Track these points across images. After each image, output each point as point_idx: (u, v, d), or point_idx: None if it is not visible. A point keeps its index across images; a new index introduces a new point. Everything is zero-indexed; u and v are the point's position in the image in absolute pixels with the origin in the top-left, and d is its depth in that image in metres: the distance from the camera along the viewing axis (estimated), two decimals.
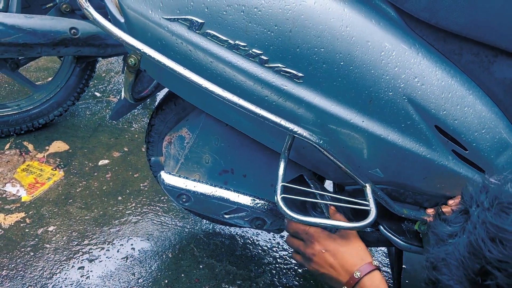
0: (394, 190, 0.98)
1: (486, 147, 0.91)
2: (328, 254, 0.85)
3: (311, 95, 0.84)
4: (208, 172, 1.06)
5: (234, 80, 0.85)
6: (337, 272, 0.84)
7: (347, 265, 0.83)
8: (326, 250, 0.85)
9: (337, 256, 0.84)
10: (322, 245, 0.86)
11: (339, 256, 0.84)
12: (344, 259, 0.83)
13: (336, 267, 0.84)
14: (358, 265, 0.82)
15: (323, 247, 0.86)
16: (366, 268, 0.82)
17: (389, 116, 0.86)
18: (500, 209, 0.53)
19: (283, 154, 0.88)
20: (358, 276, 0.81)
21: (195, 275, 1.40)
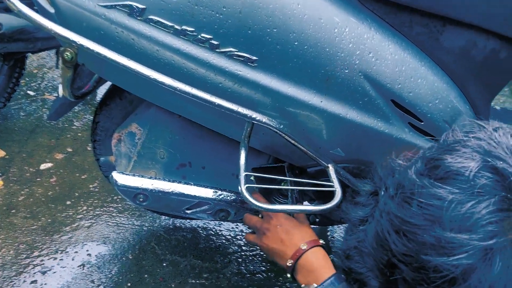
0: (355, 168, 0.98)
1: (440, 117, 0.93)
2: (281, 229, 0.88)
3: (267, 79, 0.81)
4: (164, 167, 1.01)
5: (184, 68, 0.80)
6: (285, 246, 0.86)
7: (295, 240, 0.85)
8: (281, 226, 0.88)
9: (289, 232, 0.87)
10: (278, 221, 0.89)
11: (290, 232, 0.87)
12: (295, 235, 0.87)
13: (286, 242, 0.86)
14: (306, 239, 0.86)
15: (279, 222, 0.89)
16: (312, 243, 0.85)
17: (347, 94, 0.84)
18: (403, 199, 0.50)
19: (243, 142, 0.84)
20: (304, 248, 0.84)
21: (159, 274, 1.35)
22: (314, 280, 0.79)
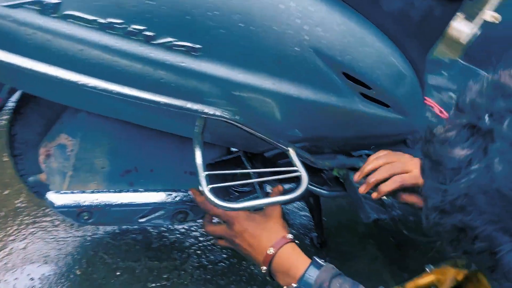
0: (313, 145, 0.95)
1: (388, 82, 0.92)
2: (247, 234, 0.81)
3: (214, 67, 0.73)
4: (107, 177, 0.90)
5: (117, 67, 0.69)
6: (256, 252, 0.80)
7: (263, 243, 0.79)
8: (246, 231, 0.81)
9: (255, 236, 0.80)
10: (241, 225, 0.81)
11: (256, 235, 0.80)
12: (261, 238, 0.79)
13: (254, 246, 0.80)
14: (272, 242, 0.78)
15: (243, 227, 0.81)
16: (278, 243, 0.78)
17: (299, 73, 0.79)
18: None
19: (197, 139, 0.77)
20: (271, 252, 0.77)
21: (115, 285, 1.25)
22: (291, 280, 0.75)
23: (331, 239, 1.46)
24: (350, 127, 0.94)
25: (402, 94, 0.96)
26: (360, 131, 0.97)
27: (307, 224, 1.52)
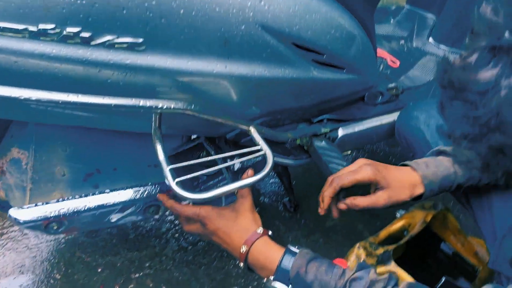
0: (272, 119, 0.95)
1: (339, 45, 0.91)
2: (221, 232, 0.77)
3: (161, 60, 0.70)
4: (69, 184, 0.87)
5: (59, 74, 0.65)
6: (232, 249, 0.77)
7: (236, 242, 0.76)
8: (218, 229, 0.77)
9: (227, 233, 0.77)
10: (214, 224, 0.78)
11: (229, 232, 0.77)
12: (234, 236, 0.76)
13: (229, 244, 0.77)
14: (244, 239, 0.75)
15: (215, 226, 0.78)
16: (250, 239, 0.75)
17: (249, 51, 0.77)
18: None
19: (155, 135, 0.75)
20: (244, 250, 0.74)
21: (97, 282, 1.24)
22: (269, 272, 0.72)
23: (303, 201, 1.50)
24: (308, 96, 0.94)
25: (355, 54, 0.96)
26: (318, 97, 0.97)
27: (278, 190, 1.55)
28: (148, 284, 1.22)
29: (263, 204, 1.49)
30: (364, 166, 0.79)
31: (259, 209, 1.46)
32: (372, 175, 0.78)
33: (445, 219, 1.20)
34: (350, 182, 0.80)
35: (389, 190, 0.78)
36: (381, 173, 0.78)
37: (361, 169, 0.79)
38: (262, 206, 1.48)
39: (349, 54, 0.95)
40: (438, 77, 0.54)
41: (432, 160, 0.78)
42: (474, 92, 0.46)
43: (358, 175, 0.79)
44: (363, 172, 0.79)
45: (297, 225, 1.41)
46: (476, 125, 0.47)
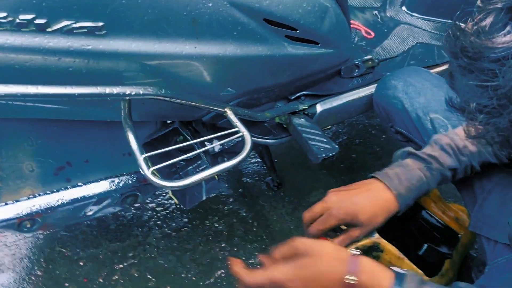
0: (249, 99, 0.92)
1: (311, 19, 0.88)
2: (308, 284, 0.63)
3: (125, 43, 0.66)
4: (39, 179, 0.83)
5: (15, 65, 0.61)
6: None
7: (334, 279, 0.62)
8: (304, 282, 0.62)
9: (317, 279, 0.62)
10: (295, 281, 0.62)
11: (319, 277, 0.62)
12: (326, 276, 0.62)
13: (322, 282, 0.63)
14: (345, 270, 0.62)
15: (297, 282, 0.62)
16: (353, 265, 0.62)
17: (219, 30, 0.74)
18: None
19: (126, 123, 0.71)
20: (354, 280, 0.61)
21: (80, 275, 1.21)
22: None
23: (285, 179, 1.49)
24: (284, 73, 0.92)
25: (328, 28, 0.94)
26: (294, 74, 0.94)
27: (260, 170, 1.53)
28: (133, 273, 1.20)
29: (246, 184, 1.47)
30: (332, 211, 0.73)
31: (242, 190, 1.45)
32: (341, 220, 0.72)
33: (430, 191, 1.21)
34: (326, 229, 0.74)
35: (362, 227, 0.73)
36: (349, 214, 0.71)
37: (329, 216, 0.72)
38: (245, 186, 1.47)
39: (323, 27, 0.92)
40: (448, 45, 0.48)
41: (404, 171, 0.73)
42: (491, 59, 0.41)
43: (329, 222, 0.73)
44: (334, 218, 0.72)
45: (281, 203, 1.40)
46: (495, 97, 0.43)
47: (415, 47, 1.25)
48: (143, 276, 1.20)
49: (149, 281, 1.18)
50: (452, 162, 0.74)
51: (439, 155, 0.74)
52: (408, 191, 0.73)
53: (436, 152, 0.75)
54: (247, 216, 1.36)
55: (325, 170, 1.53)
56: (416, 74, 1.00)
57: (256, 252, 1.24)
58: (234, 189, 1.46)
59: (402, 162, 0.76)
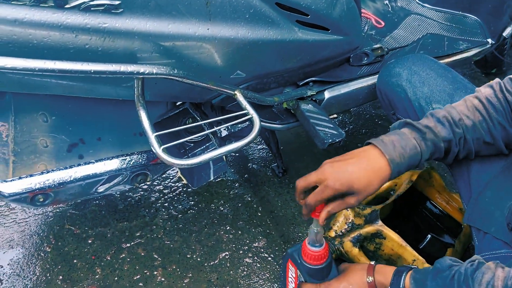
0: (258, 83, 0.93)
1: (323, 5, 0.89)
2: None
3: (140, 23, 0.67)
4: (53, 155, 0.85)
5: (33, 40, 0.63)
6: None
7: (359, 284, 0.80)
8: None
9: None
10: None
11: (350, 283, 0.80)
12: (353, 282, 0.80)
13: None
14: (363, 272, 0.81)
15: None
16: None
17: (231, 12, 0.75)
18: None
19: (138, 101, 0.73)
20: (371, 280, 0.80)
21: (89, 253, 1.24)
22: None
23: (291, 166, 1.50)
24: (293, 58, 0.93)
25: (339, 15, 0.95)
26: (303, 60, 0.96)
27: (266, 156, 1.55)
28: (139, 253, 1.23)
29: (251, 170, 1.49)
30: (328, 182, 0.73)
31: (247, 176, 1.47)
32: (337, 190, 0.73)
33: (431, 178, 1.22)
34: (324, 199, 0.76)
35: (358, 194, 0.74)
36: (345, 184, 0.73)
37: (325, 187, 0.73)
38: (251, 172, 1.49)
39: (334, 14, 0.93)
40: None
41: (399, 139, 0.75)
42: None
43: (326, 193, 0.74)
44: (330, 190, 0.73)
45: (286, 189, 1.42)
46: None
47: (425, 37, 1.25)
48: (149, 256, 1.22)
49: (155, 260, 1.21)
50: (447, 134, 0.75)
51: (434, 126, 0.75)
52: (401, 157, 0.74)
53: (432, 123, 0.75)
54: (252, 201, 1.38)
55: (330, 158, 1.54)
56: (422, 62, 1.00)
57: (260, 236, 1.26)
58: (240, 174, 1.48)
59: (398, 131, 0.76)
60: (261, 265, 1.19)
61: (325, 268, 0.83)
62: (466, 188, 0.89)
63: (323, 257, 0.82)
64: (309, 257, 0.82)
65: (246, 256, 1.21)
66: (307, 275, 0.85)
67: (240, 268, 1.18)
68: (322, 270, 0.83)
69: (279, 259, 1.20)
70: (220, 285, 1.14)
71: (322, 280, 0.84)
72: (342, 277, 0.83)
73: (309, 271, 0.84)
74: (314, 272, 0.84)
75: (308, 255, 0.82)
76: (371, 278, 0.79)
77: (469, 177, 0.87)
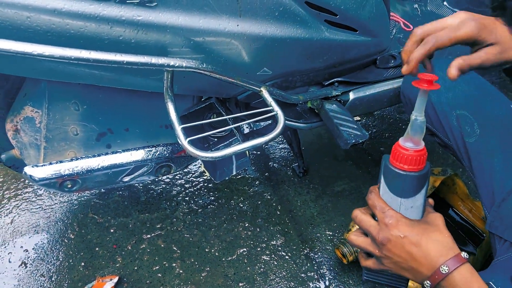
0: (284, 81, 0.94)
1: (352, 6, 0.90)
2: (407, 240, 0.66)
3: (173, 17, 0.69)
4: (82, 143, 0.88)
5: (70, 30, 0.65)
6: (418, 263, 0.66)
7: (432, 257, 0.65)
8: (405, 237, 0.66)
9: (419, 245, 0.65)
10: (401, 230, 0.66)
11: (421, 244, 0.65)
12: (428, 249, 0.65)
13: (418, 257, 0.65)
14: (445, 258, 0.64)
15: (401, 233, 0.66)
16: (454, 262, 0.63)
17: (261, 9, 0.76)
18: None
19: (167, 94, 0.75)
20: (446, 271, 0.63)
21: (110, 242, 1.28)
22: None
23: (311, 166, 1.50)
24: (320, 58, 0.93)
25: (368, 16, 0.95)
26: (330, 60, 0.96)
27: (287, 156, 1.56)
28: (159, 244, 1.25)
29: (272, 169, 1.50)
30: (467, 21, 0.65)
31: (268, 174, 1.48)
32: (476, 31, 0.65)
33: (454, 185, 1.21)
34: (449, 42, 0.67)
35: (499, 45, 0.65)
36: (488, 28, 0.65)
37: (463, 24, 0.65)
38: (271, 170, 1.49)
39: (363, 15, 0.93)
40: None
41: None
42: None
43: (460, 31, 0.65)
44: (467, 28, 0.65)
45: (306, 190, 1.42)
46: None
47: None
48: (168, 247, 1.24)
49: (174, 252, 1.23)
50: None
51: None
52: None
53: None
54: (272, 199, 1.39)
55: (352, 161, 1.54)
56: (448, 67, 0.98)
57: (278, 235, 1.27)
58: (260, 172, 1.49)
59: None
60: (278, 263, 1.19)
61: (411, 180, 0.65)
62: (489, 194, 0.87)
63: (415, 161, 0.63)
64: (397, 156, 0.64)
65: (264, 254, 1.22)
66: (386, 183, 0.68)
67: (257, 265, 1.19)
68: (406, 181, 0.65)
69: (296, 258, 1.20)
70: (236, 281, 1.15)
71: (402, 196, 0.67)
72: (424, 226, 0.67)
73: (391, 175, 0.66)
74: (395, 180, 0.66)
75: (396, 153, 0.64)
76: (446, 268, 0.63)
77: (492, 183, 0.86)
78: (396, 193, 0.66)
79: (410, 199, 0.66)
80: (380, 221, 0.69)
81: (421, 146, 0.63)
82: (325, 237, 1.26)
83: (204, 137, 0.92)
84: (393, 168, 0.64)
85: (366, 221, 0.71)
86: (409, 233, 0.66)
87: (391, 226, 0.67)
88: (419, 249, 0.65)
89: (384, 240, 0.67)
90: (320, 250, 1.22)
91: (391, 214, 0.67)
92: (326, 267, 1.18)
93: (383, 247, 0.68)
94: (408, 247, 0.66)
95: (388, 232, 0.67)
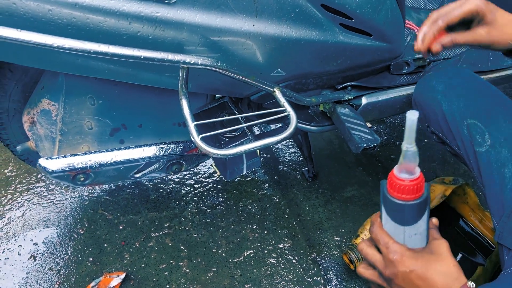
0: (297, 83, 0.95)
1: (367, 9, 0.90)
2: (414, 275, 0.66)
3: (190, 15, 0.70)
4: (96, 138, 0.89)
5: (90, 24, 0.66)
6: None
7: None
8: (412, 272, 0.66)
9: (425, 278, 0.65)
10: (406, 265, 0.66)
11: (427, 277, 0.65)
12: (434, 281, 0.65)
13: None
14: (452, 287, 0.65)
15: (408, 268, 0.66)
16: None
17: (277, 10, 0.77)
18: None
19: (181, 90, 0.76)
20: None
21: (119, 238, 1.28)
22: None
23: (321, 171, 1.50)
24: (334, 61, 0.94)
25: (383, 21, 0.95)
26: (343, 63, 0.96)
27: (297, 160, 1.56)
28: (167, 243, 1.26)
29: (281, 172, 1.50)
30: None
31: (277, 178, 1.48)
32: (479, 5, 0.73)
33: (465, 194, 1.20)
34: (457, 17, 0.75)
35: (491, 26, 0.73)
36: (489, 6, 0.73)
37: (468, 1, 0.74)
38: (281, 174, 1.50)
39: (378, 20, 0.93)
40: None
41: None
42: None
43: (465, 6, 0.74)
44: (471, 3, 0.73)
45: (315, 194, 1.42)
46: None
47: (469, 51, 1.23)
48: (176, 246, 1.25)
49: (182, 251, 1.23)
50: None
51: None
52: None
53: None
54: (280, 202, 1.39)
55: (362, 167, 1.53)
56: (460, 76, 0.97)
57: (285, 238, 1.27)
58: (270, 175, 1.50)
59: None
60: (284, 266, 1.19)
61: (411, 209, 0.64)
62: (499, 205, 0.86)
63: (412, 190, 0.62)
64: (393, 186, 0.63)
65: (271, 256, 1.22)
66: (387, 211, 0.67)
67: (263, 267, 1.19)
68: (405, 210, 0.64)
69: (303, 262, 1.20)
70: (242, 282, 1.15)
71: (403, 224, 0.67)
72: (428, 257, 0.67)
73: (390, 205, 0.65)
74: (395, 209, 0.65)
75: (392, 183, 0.63)
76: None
77: (502, 193, 0.85)
78: (397, 222, 0.66)
79: (412, 226, 0.66)
80: (384, 256, 0.69)
81: (416, 174, 0.61)
82: (333, 243, 1.26)
83: (216, 137, 0.93)
84: (391, 198, 0.64)
85: (372, 256, 0.72)
86: (415, 266, 0.66)
87: (396, 262, 0.67)
88: (425, 283, 0.65)
89: (391, 275, 0.68)
90: (328, 255, 1.22)
91: (395, 249, 0.67)
92: (333, 272, 1.18)
93: (391, 281, 0.68)
94: (415, 281, 0.66)
95: (395, 269, 0.67)
